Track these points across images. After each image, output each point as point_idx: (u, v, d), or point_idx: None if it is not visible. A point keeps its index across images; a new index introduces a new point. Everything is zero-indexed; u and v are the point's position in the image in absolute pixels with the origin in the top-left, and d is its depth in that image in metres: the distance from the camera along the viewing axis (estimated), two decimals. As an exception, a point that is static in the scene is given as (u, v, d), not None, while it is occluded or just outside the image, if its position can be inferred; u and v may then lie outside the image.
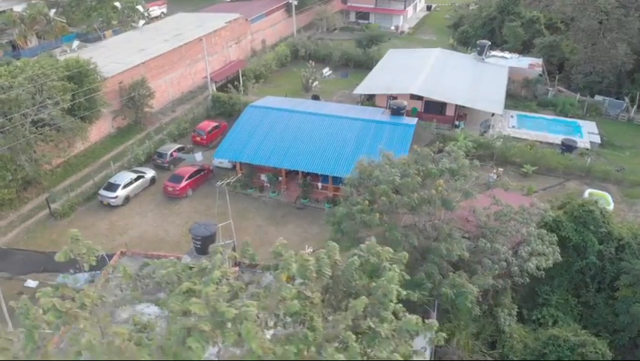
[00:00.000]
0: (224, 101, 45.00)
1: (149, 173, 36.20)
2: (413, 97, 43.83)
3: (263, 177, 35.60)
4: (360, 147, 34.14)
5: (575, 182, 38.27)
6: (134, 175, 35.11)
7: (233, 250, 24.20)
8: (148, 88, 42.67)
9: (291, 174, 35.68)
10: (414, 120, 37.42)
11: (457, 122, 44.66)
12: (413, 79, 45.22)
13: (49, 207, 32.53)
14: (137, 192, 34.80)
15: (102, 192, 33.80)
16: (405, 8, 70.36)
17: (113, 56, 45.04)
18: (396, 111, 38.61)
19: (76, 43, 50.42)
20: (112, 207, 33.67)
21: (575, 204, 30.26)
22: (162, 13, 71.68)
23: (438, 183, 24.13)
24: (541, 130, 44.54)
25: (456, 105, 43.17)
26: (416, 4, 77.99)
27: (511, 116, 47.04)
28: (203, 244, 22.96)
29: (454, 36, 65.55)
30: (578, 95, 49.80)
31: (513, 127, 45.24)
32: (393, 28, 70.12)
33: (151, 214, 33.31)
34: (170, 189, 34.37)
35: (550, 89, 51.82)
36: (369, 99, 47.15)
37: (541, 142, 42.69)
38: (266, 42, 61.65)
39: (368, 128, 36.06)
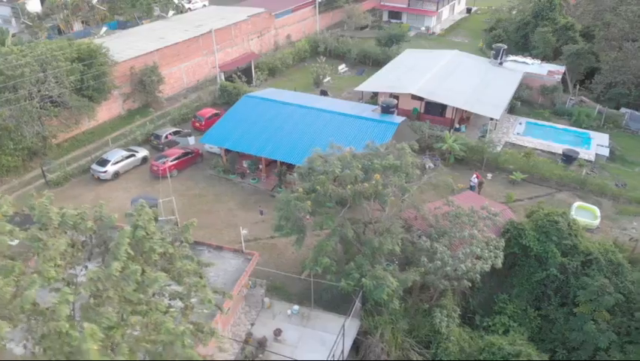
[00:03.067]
0: (229, 91, 46.71)
1: (142, 152, 38.46)
2: (414, 97, 43.71)
3: (244, 164, 36.90)
4: (339, 141, 34.51)
5: (567, 193, 36.84)
6: (126, 153, 37.48)
7: (176, 226, 25.48)
8: (158, 74, 45.10)
9: (273, 163, 36.75)
10: (399, 119, 37.39)
11: (457, 126, 44.03)
12: (417, 79, 44.99)
13: (45, 176, 35.46)
14: (127, 169, 37.10)
15: (94, 166, 36.38)
16: (437, 10, 69.43)
17: (132, 43, 47.92)
18: (386, 109, 38.68)
19: (104, 29, 53.94)
20: (101, 181, 36.17)
21: (540, 213, 29.53)
22: (204, 5, 74.83)
23: (375, 177, 24.40)
24: (546, 139, 43.07)
25: (456, 108, 42.56)
26: (454, 5, 76.68)
27: (520, 123, 45.77)
28: (144, 217, 24.45)
29: (484, 39, 64.14)
30: (598, 107, 47.55)
31: (517, 134, 44.04)
32: (423, 28, 69.51)
33: (134, 190, 35.44)
34: (155, 168, 36.43)
35: (573, 98, 49.78)
36: (374, 97, 47.39)
37: (542, 151, 41.41)
38: (291, 37, 62.99)
39: (351, 123, 36.49)
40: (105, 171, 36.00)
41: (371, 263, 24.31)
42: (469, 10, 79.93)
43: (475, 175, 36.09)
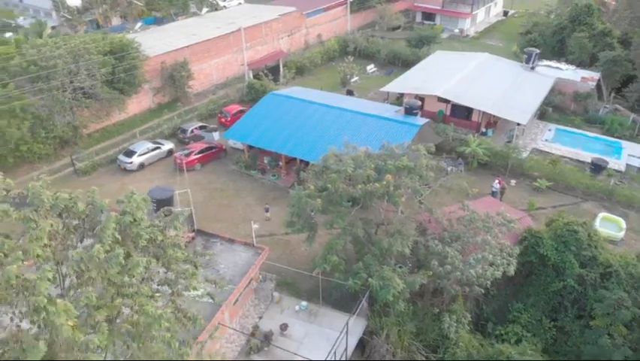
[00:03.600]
0: (257, 89, 47.33)
1: (168, 145, 39.45)
2: (440, 100, 43.31)
3: (265, 160, 37.37)
4: (358, 140, 34.56)
5: (593, 204, 35.80)
6: (152, 145, 38.53)
7: (190, 217, 26.12)
8: (188, 70, 46.11)
9: (293, 160, 37.07)
10: (421, 121, 37.13)
11: (484, 130, 43.37)
12: (444, 81, 44.53)
13: (74, 165, 36.81)
14: (152, 161, 38.12)
15: (121, 157, 37.55)
16: (472, 12, 68.43)
17: (165, 39, 49.12)
18: (409, 110, 38.50)
19: (139, 24, 55.48)
20: (127, 171, 37.30)
21: (560, 222, 28.86)
22: (239, 3, 75.97)
23: (387, 177, 24.37)
24: (575, 147, 41.94)
25: (482, 112, 41.92)
26: (490, 8, 75.40)
27: (549, 130, 44.74)
28: (159, 206, 25.03)
29: (518, 43, 62.86)
30: (632, 115, 45.99)
31: (546, 140, 43.07)
32: (457, 30, 68.63)
33: (158, 181, 36.33)
34: (178, 161, 37.28)
35: (607, 106, 48.31)
36: (400, 98, 47.13)
37: (570, 159, 40.37)
38: (321, 37, 63.26)
39: (372, 123, 36.46)
40: (131, 162, 37.11)
41: (380, 264, 24.31)
42: (505, 13, 78.44)
43: (497, 181, 35.51)
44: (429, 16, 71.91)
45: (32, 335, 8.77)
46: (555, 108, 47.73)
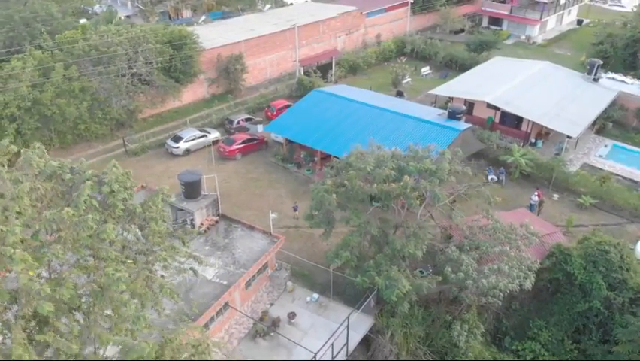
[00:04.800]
0: (305, 85, 48.24)
1: (214, 134, 41.19)
2: (490, 106, 42.22)
3: (302, 155, 38.16)
4: (394, 141, 34.57)
5: (639, 226, 33.71)
6: (199, 133, 40.41)
7: (215, 202, 27.37)
8: (242, 63, 47.79)
9: (329, 156, 37.56)
10: (463, 126, 36.44)
11: (533, 140, 41.82)
12: (496, 87, 43.33)
13: (125, 146, 39.37)
14: (197, 148, 40.00)
15: (168, 141, 39.70)
16: (541, 18, 65.71)
17: (224, 32, 51.15)
18: (452, 114, 37.93)
19: (203, 17, 58.03)
20: (173, 156, 39.38)
21: (592, 240, 27.52)
22: (306, 0, 77.37)
23: (404, 179, 24.34)
24: (631, 165, 39.55)
25: (532, 121, 40.41)
26: (562, 16, 72.01)
27: (605, 145, 42.44)
28: (188, 189, 26.54)
29: (587, 54, 59.73)
30: (703, 136, 42.66)
31: (600, 156, 40.93)
32: (523, 37, 66.20)
33: (199, 167, 38.05)
34: (221, 149, 38.93)
35: (677, 125, 45.07)
36: (450, 102, 46.31)
37: (624, 177, 38.15)
38: (380, 37, 63.18)
39: (411, 125, 36.27)
40: (177, 147, 39.16)
41: (391, 264, 24.32)
42: (580, 22, 74.56)
43: (536, 193, 34.26)
44: (496, 21, 69.82)
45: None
46: (615, 124, 45.07)
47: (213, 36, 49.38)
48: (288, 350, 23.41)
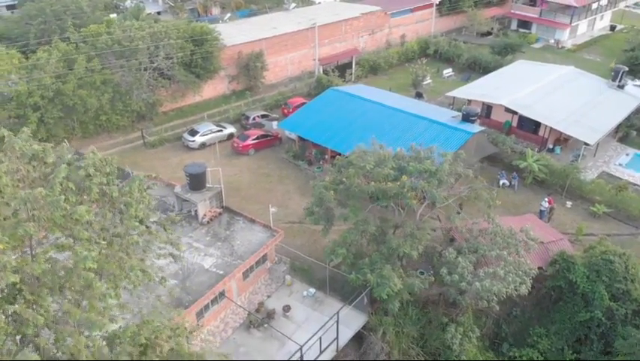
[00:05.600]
0: (323, 84, 48.57)
1: (230, 129, 42.01)
2: (508, 110, 41.69)
3: (313, 152, 38.53)
4: (405, 141, 34.50)
5: (654, 237, 32.76)
6: (215, 128, 41.30)
7: (219, 194, 28.03)
8: (262, 61, 48.50)
9: (339, 155, 37.78)
10: (475, 128, 36.14)
11: (550, 146, 41.06)
12: (515, 91, 42.73)
13: (144, 138, 40.58)
14: (213, 142, 40.79)
15: (185, 135, 40.71)
16: (571, 23, 64.21)
17: (247, 30, 51.99)
18: (466, 117, 37.65)
19: (228, 15, 59.08)
20: (189, 149, 40.36)
21: (598, 249, 27.01)
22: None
23: (402, 178, 24.44)
24: (652, 175, 38.41)
25: (550, 127, 39.68)
26: (594, 21, 70.14)
27: (626, 154, 41.33)
28: (192, 181, 27.26)
29: (617, 60, 58.08)
30: None
31: (619, 165, 39.89)
32: (552, 41, 64.85)
33: (213, 162, 38.84)
34: (235, 144, 39.70)
35: None
36: (467, 104, 45.89)
37: (643, 187, 37.08)
38: (405, 37, 62.97)
39: (422, 126, 36.21)
40: (193, 141, 40.12)
41: (386, 263, 24.43)
42: (613, 28, 72.48)
43: (546, 199, 33.70)
44: (525, 24, 68.59)
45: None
46: (639, 132, 43.83)
47: (235, 33, 50.30)
48: (280, 341, 23.82)
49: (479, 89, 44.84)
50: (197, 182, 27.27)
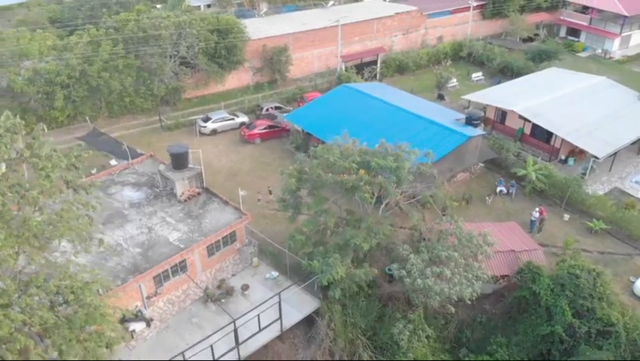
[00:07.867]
0: (344, 81, 49.25)
1: (242, 118, 43.81)
2: (522, 117, 40.64)
3: (312, 145, 39.43)
4: (401, 139, 34.58)
5: (651, 260, 31.00)
6: (228, 116, 43.27)
7: (200, 175, 29.72)
8: (287, 55, 49.96)
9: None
10: (472, 132, 35.65)
11: (563, 157, 39.60)
12: (532, 98, 41.54)
13: (161, 121, 43.27)
14: (224, 129, 42.83)
15: (198, 121, 42.96)
16: (621, 32, 60.70)
17: (276, 24, 53.65)
18: (469, 120, 37.26)
19: (264, 10, 60.92)
20: (201, 134, 42.56)
21: (568, 263, 26.25)
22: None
23: (360, 172, 25.01)
24: (668, 195, 36.14)
25: (561, 138, 38.28)
26: (652, 31, 65.75)
27: (645, 171, 39.09)
28: (174, 160, 29.13)
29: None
30: None
31: (636, 182, 37.79)
32: (600, 51, 61.64)
33: (221, 147, 41.00)
34: (242, 132, 41.46)
35: None
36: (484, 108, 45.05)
37: (655, 207, 34.99)
38: (442, 39, 62.22)
39: (420, 126, 36.21)
40: (205, 127, 42.29)
41: (340, 253, 25.10)
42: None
43: (537, 209, 32.76)
44: (574, 31, 65.59)
45: None
46: (667, 149, 41.16)
47: (264, 27, 52.04)
48: (230, 317, 25.13)
49: (496, 94, 43.90)
50: (178, 162, 29.11)
